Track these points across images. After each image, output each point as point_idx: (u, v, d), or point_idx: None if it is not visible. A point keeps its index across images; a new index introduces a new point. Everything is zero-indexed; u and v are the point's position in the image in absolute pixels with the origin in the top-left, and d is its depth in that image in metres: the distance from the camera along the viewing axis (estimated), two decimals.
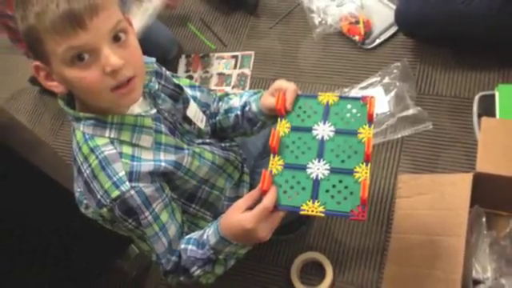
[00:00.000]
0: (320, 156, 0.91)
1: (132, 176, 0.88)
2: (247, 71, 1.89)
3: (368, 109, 0.94)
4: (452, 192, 1.24)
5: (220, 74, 1.93)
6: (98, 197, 0.89)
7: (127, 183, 0.87)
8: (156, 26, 1.80)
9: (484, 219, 1.23)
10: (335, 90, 1.68)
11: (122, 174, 0.87)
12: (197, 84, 1.17)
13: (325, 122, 0.95)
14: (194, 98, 1.12)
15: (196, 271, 0.95)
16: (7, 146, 1.19)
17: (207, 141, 1.11)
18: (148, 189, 0.90)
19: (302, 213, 0.87)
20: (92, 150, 0.88)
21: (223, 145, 1.16)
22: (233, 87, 1.88)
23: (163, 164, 0.93)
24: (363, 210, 0.84)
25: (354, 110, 0.95)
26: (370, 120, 0.93)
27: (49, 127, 2.09)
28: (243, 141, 1.30)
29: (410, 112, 1.52)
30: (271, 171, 0.91)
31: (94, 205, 0.92)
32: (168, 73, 1.07)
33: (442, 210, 1.24)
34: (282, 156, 0.93)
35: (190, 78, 1.94)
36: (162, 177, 0.94)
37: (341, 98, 0.98)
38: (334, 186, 0.88)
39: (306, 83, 1.76)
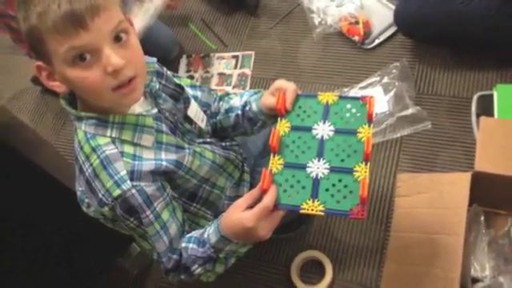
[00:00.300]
0: (320, 155, 0.92)
1: (133, 175, 0.89)
2: (247, 71, 1.90)
3: (367, 108, 0.94)
4: (451, 191, 1.24)
5: (221, 74, 1.94)
6: (100, 196, 0.90)
7: (128, 182, 0.88)
8: (157, 27, 1.81)
9: (482, 218, 1.24)
10: (335, 89, 1.69)
11: (123, 173, 0.88)
12: (197, 84, 1.18)
13: (324, 122, 0.96)
14: (195, 98, 1.12)
15: (197, 269, 0.96)
16: (9, 146, 1.20)
17: (208, 140, 1.12)
18: (149, 188, 0.91)
19: (301, 212, 0.88)
20: (93, 150, 0.89)
21: (224, 144, 1.16)
22: (233, 87, 1.88)
23: (164, 163, 0.94)
24: (363, 209, 0.85)
25: (354, 110, 0.96)
26: (370, 119, 0.94)
27: (51, 127, 2.10)
28: (243, 140, 1.31)
29: (409, 111, 1.52)
30: (271, 170, 0.92)
31: (95, 204, 0.93)
32: (169, 73, 1.08)
33: (441, 209, 1.24)
34: (282, 155, 0.94)
35: (191, 77, 1.95)
36: (163, 176, 0.95)
37: (340, 97, 0.98)
38: (333, 185, 0.88)
39: (305, 83, 1.77)
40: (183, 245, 0.96)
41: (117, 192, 0.88)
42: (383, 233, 1.41)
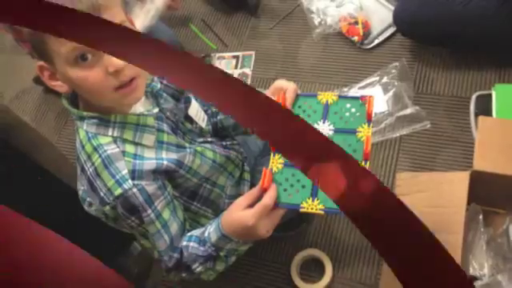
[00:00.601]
0: None
1: (134, 174, 0.90)
2: (248, 71, 1.91)
3: (367, 108, 0.95)
4: (450, 190, 1.25)
5: None
6: (102, 195, 0.91)
7: (130, 181, 0.89)
8: (158, 27, 1.82)
9: (481, 217, 1.24)
10: (334, 89, 1.70)
11: (124, 172, 0.89)
12: None
13: (324, 121, 0.97)
14: (196, 98, 1.13)
15: (197, 268, 0.97)
16: (12, 145, 1.21)
17: (209, 139, 1.12)
18: (150, 187, 0.91)
19: (301, 210, 0.88)
20: (95, 149, 0.90)
21: (224, 143, 1.17)
22: None
23: (165, 162, 0.94)
24: None
25: (353, 109, 0.97)
26: (369, 119, 0.94)
27: (53, 126, 2.11)
28: (244, 139, 1.31)
29: (408, 111, 1.53)
30: (271, 169, 0.92)
31: (97, 202, 0.93)
32: None
33: (440, 208, 1.25)
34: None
35: None
36: (163, 175, 0.96)
37: (340, 97, 0.99)
38: None
39: (305, 83, 1.77)
40: (184, 243, 0.97)
41: (118, 191, 0.89)
42: None
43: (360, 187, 0.26)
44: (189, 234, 0.99)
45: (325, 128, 0.96)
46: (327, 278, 1.36)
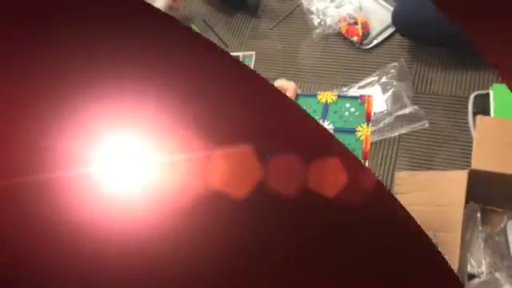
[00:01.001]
0: None
1: None
2: None
3: (366, 107, 0.96)
4: (448, 189, 1.26)
5: None
6: None
7: None
8: None
9: (479, 215, 1.25)
10: (334, 89, 1.71)
11: None
12: None
13: (324, 121, 0.98)
14: None
15: None
16: None
17: None
18: None
19: None
20: None
21: None
22: None
23: None
24: None
25: (352, 109, 0.98)
26: (368, 118, 0.96)
27: None
28: None
29: (407, 111, 1.54)
30: None
31: None
32: None
33: (438, 207, 1.26)
34: None
35: None
36: None
37: (339, 97, 1.00)
38: None
39: (305, 82, 1.79)
40: None
41: None
42: None
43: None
44: None
45: (324, 127, 0.97)
46: None
